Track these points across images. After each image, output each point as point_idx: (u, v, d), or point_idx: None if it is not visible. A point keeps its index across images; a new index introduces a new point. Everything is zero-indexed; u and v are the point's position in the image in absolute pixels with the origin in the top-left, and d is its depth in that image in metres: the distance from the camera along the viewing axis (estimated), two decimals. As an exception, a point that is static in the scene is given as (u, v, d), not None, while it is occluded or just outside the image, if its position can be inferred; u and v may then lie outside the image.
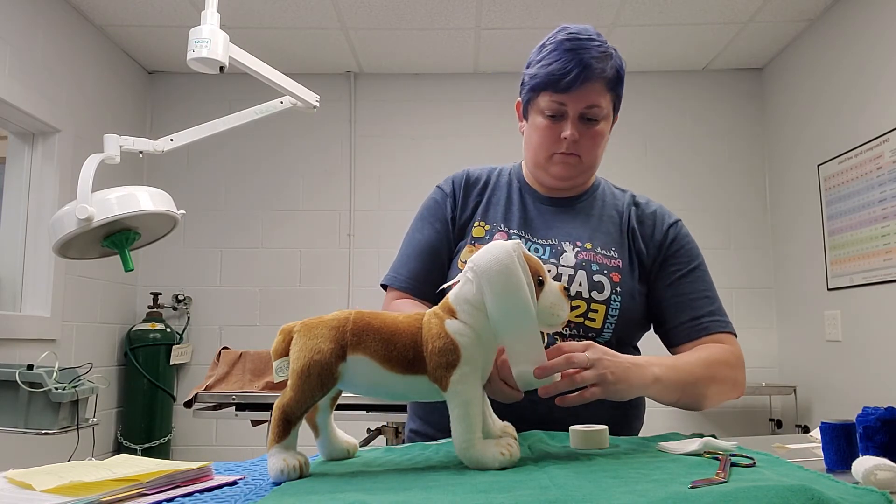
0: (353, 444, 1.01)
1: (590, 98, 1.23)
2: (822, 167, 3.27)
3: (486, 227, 1.31)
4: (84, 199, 1.38)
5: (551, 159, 1.28)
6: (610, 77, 1.24)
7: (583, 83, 1.21)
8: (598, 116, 1.25)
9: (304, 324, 0.90)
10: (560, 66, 1.21)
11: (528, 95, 1.29)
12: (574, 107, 1.23)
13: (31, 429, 1.90)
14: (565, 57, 1.21)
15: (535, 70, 1.26)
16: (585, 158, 1.28)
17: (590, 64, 1.20)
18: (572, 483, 0.76)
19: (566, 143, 1.25)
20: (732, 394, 1.28)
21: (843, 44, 3.12)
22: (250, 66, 1.46)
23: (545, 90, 1.24)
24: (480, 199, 1.35)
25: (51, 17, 3.03)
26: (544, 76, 1.23)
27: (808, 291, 3.41)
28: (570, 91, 1.21)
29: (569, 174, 1.29)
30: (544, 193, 1.35)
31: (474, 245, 1.28)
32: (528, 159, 1.34)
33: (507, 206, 1.34)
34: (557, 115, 1.24)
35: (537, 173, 1.34)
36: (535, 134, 1.29)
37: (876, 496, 0.67)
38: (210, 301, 3.80)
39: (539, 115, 1.27)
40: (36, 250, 2.97)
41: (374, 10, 3.24)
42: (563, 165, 1.28)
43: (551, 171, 1.29)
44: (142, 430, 3.52)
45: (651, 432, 1.22)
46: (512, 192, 1.36)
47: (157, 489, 0.77)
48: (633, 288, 1.27)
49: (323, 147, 3.91)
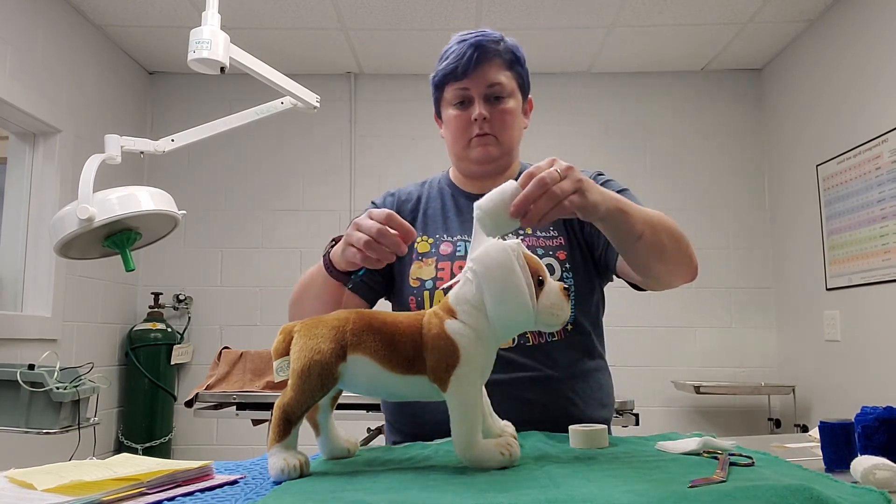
0: (353, 443, 1.01)
1: (489, 77, 1.28)
2: (821, 167, 3.27)
3: (430, 240, 1.32)
4: (85, 200, 1.38)
5: (469, 145, 1.32)
6: (506, 56, 1.31)
7: (479, 64, 1.26)
8: (502, 93, 1.30)
9: (304, 324, 0.90)
10: (456, 55, 1.27)
11: (436, 95, 1.34)
12: (477, 88, 1.28)
13: (33, 428, 1.90)
14: (459, 48, 1.28)
15: (435, 70, 1.33)
16: (501, 137, 1.31)
17: (481, 44, 1.27)
18: (572, 483, 0.76)
19: (478, 123, 1.28)
20: (689, 263, 1.20)
21: (843, 44, 3.12)
22: (251, 66, 1.46)
23: (447, 82, 1.30)
24: (415, 214, 1.37)
25: (51, 17, 3.03)
26: (444, 69, 1.29)
27: (807, 291, 3.41)
28: (469, 74, 1.27)
29: (488, 155, 1.31)
30: (475, 191, 1.37)
31: (422, 261, 1.28)
32: (451, 155, 1.38)
33: (444, 215, 1.36)
34: (465, 100, 1.29)
35: (461, 165, 1.37)
36: (449, 126, 1.33)
37: (875, 495, 0.68)
38: (210, 301, 3.80)
39: (448, 107, 1.32)
40: (37, 250, 2.98)
41: (374, 10, 3.24)
42: (480, 148, 1.31)
43: (472, 156, 1.32)
44: (143, 429, 3.52)
45: (650, 432, 1.23)
46: (445, 200, 1.38)
47: (157, 488, 0.77)
48: (579, 258, 1.29)
49: (323, 147, 3.91)
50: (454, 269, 1.25)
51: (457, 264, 1.26)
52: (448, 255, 1.27)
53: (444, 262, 1.27)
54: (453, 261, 1.27)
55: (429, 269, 1.27)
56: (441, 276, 1.25)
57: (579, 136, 3.90)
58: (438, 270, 1.26)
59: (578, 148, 3.88)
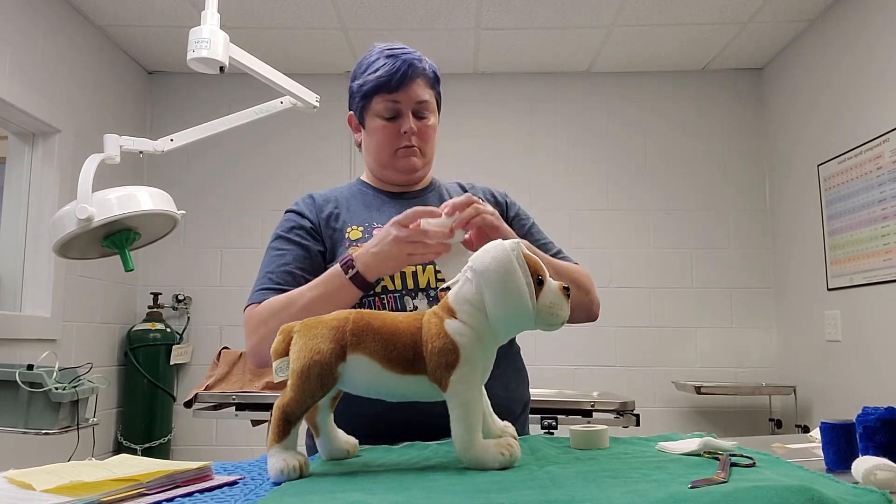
0: (353, 443, 1.01)
1: (418, 93, 1.35)
2: (822, 167, 3.27)
3: (360, 228, 1.35)
4: (84, 199, 1.38)
5: (395, 155, 1.38)
6: (429, 75, 1.39)
7: (410, 80, 1.34)
8: (427, 110, 1.38)
9: (304, 324, 0.90)
10: (387, 69, 1.33)
11: (361, 103, 1.38)
12: (407, 103, 1.35)
13: (32, 429, 1.90)
14: (390, 61, 1.33)
15: (362, 80, 1.37)
16: (425, 150, 1.40)
17: (413, 63, 1.34)
18: (572, 483, 0.76)
19: (407, 136, 1.36)
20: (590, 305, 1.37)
21: (843, 44, 3.12)
22: (250, 66, 1.46)
23: (377, 93, 1.35)
24: (337, 210, 1.40)
25: (51, 17, 3.03)
26: (374, 80, 1.34)
27: (807, 291, 3.41)
28: (400, 89, 1.33)
29: (413, 166, 1.39)
30: (394, 190, 1.44)
31: (357, 246, 1.29)
32: (372, 162, 1.43)
33: (367, 209, 1.40)
34: (394, 114, 1.35)
35: (383, 173, 1.42)
36: (375, 136, 1.38)
37: (876, 496, 0.67)
38: (210, 301, 3.80)
39: (376, 118, 1.37)
40: (36, 250, 2.97)
41: (374, 10, 3.24)
42: (407, 159, 1.38)
43: (398, 165, 1.39)
44: (142, 430, 3.52)
45: (651, 432, 1.22)
46: (366, 198, 1.43)
47: (157, 489, 0.77)
48: None
49: (323, 147, 3.91)
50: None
51: None
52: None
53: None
54: None
55: None
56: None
57: (579, 136, 3.90)
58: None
59: (578, 148, 3.88)
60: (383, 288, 1.27)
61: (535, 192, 3.76)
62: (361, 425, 1.15)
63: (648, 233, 3.80)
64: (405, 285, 1.27)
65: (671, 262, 3.77)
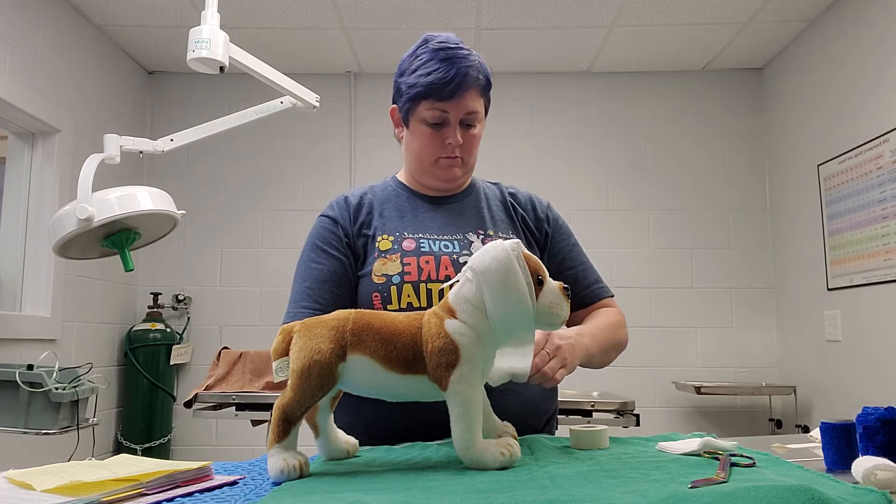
0: (353, 444, 1.01)
1: (468, 105, 1.31)
2: (822, 167, 3.27)
3: (390, 238, 1.32)
4: (84, 199, 1.38)
5: (437, 163, 1.35)
6: (482, 82, 1.34)
7: (463, 91, 1.29)
8: (475, 121, 1.35)
9: (304, 324, 0.90)
10: (440, 75, 1.27)
11: (408, 105, 1.33)
12: (455, 114, 1.31)
13: (32, 429, 1.90)
14: (444, 67, 1.28)
15: (413, 79, 1.31)
16: (467, 160, 1.37)
17: (467, 73, 1.29)
18: (572, 483, 0.76)
19: (451, 148, 1.33)
20: (622, 349, 1.45)
21: (844, 44, 3.12)
22: (250, 66, 1.46)
23: (426, 99, 1.30)
24: (371, 216, 1.37)
25: (51, 17, 3.03)
26: (425, 86, 1.28)
27: (808, 291, 3.41)
28: (451, 99, 1.29)
29: (454, 176, 1.37)
30: (430, 194, 1.41)
31: (386, 257, 1.28)
32: (412, 164, 1.40)
33: (400, 215, 1.37)
34: (441, 122, 1.31)
35: (422, 177, 1.39)
36: (418, 141, 1.35)
37: (876, 496, 0.67)
38: (210, 301, 3.80)
39: (421, 123, 1.33)
40: (36, 250, 2.97)
41: (374, 10, 3.24)
42: (448, 168, 1.36)
43: (437, 174, 1.36)
44: (142, 430, 3.52)
45: (651, 432, 1.22)
46: (399, 201, 1.40)
47: (157, 489, 0.77)
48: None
49: (323, 147, 3.91)
50: (420, 263, 1.26)
51: (422, 259, 1.27)
52: (412, 250, 1.28)
53: (410, 258, 1.27)
54: (419, 256, 1.27)
55: (394, 265, 1.27)
56: (408, 271, 1.26)
57: (579, 136, 3.89)
58: (405, 265, 1.26)
59: (579, 148, 3.88)
60: (409, 305, 1.24)
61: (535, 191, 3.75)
62: (375, 426, 1.15)
63: (648, 233, 3.80)
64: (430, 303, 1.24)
65: (671, 262, 3.77)
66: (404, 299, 1.24)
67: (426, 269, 1.25)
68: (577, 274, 1.41)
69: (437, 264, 1.26)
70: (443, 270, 1.25)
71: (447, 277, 1.24)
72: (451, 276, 1.24)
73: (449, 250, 1.29)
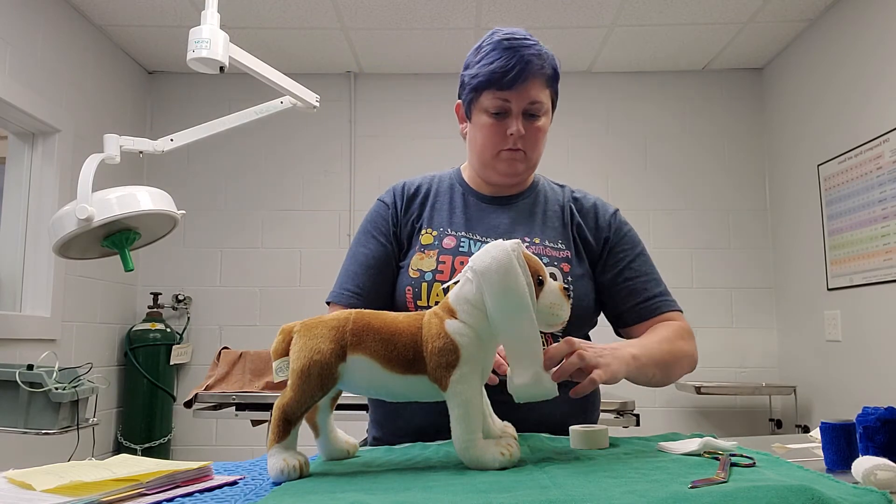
0: (353, 444, 1.01)
1: (532, 94, 1.26)
2: (822, 167, 3.27)
3: (434, 232, 1.31)
4: (84, 199, 1.38)
5: (498, 156, 1.31)
6: (548, 73, 1.29)
7: (525, 79, 1.24)
8: (539, 112, 1.29)
9: (304, 324, 0.90)
10: (501, 63, 1.23)
11: (471, 95, 1.31)
12: (518, 103, 1.26)
13: (32, 429, 1.90)
14: (506, 55, 1.24)
15: (475, 70, 1.28)
16: (530, 153, 1.31)
17: (530, 60, 1.24)
18: (572, 483, 0.76)
19: (512, 139, 1.28)
20: (690, 367, 1.33)
21: (844, 44, 3.12)
22: (250, 66, 1.46)
23: (488, 88, 1.26)
24: (423, 207, 1.36)
25: (51, 17, 3.03)
26: (487, 74, 1.25)
27: (808, 291, 3.41)
28: (513, 87, 1.24)
29: (516, 170, 1.32)
30: (487, 193, 1.38)
31: (424, 252, 1.28)
32: (474, 158, 1.36)
33: (451, 210, 1.35)
34: (502, 112, 1.27)
35: (484, 172, 1.36)
36: (480, 133, 1.31)
37: (876, 496, 0.67)
38: (210, 301, 3.80)
39: (483, 113, 1.29)
40: (36, 250, 2.97)
41: (374, 10, 3.24)
42: (509, 162, 1.31)
43: (499, 167, 1.32)
44: (142, 430, 3.52)
45: (651, 432, 1.22)
46: (454, 196, 1.38)
47: (157, 489, 0.77)
48: (584, 276, 1.31)
49: (323, 147, 3.91)
50: (455, 263, 1.25)
51: (458, 259, 1.25)
52: (451, 249, 1.27)
53: (446, 256, 1.26)
54: (455, 255, 1.26)
55: (430, 262, 1.26)
56: (441, 269, 1.25)
57: (579, 136, 3.89)
58: (439, 263, 1.25)
59: (579, 148, 3.88)
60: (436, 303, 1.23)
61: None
62: None
63: (648, 233, 3.80)
64: None
65: (671, 262, 3.77)
66: (433, 297, 1.23)
67: (459, 269, 1.23)
68: (636, 285, 1.33)
69: None
70: None
71: None
72: None
73: None
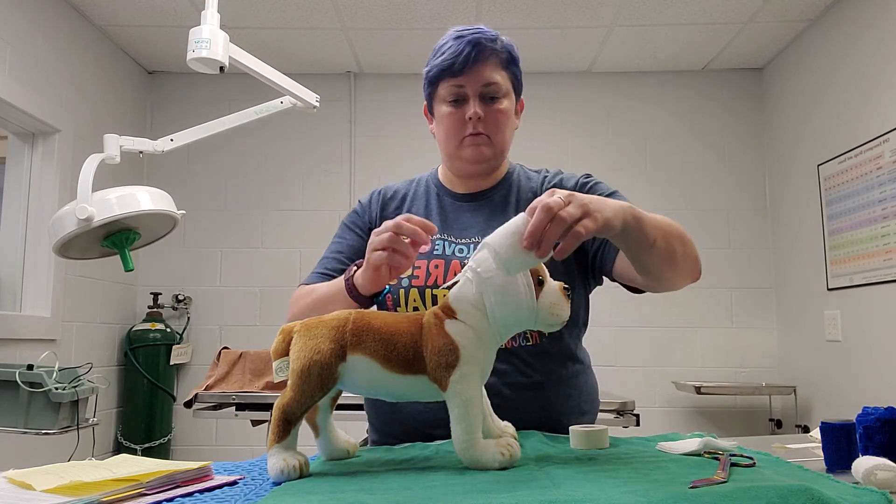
0: (353, 444, 1.01)
1: (485, 76, 1.26)
2: (822, 167, 3.27)
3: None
4: (84, 199, 1.38)
5: (462, 144, 1.30)
6: (502, 55, 1.29)
7: (476, 62, 1.25)
8: (497, 93, 1.28)
9: (304, 324, 0.90)
10: (452, 51, 1.25)
11: (430, 90, 1.33)
12: (472, 87, 1.26)
13: (31, 429, 1.90)
14: (456, 43, 1.26)
15: (430, 65, 1.30)
16: (494, 137, 1.29)
17: (479, 42, 1.25)
18: (572, 483, 0.76)
19: (472, 122, 1.27)
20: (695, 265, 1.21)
21: (844, 44, 3.12)
22: (250, 66, 1.46)
23: (443, 78, 1.28)
24: (399, 211, 1.37)
25: (51, 17, 3.03)
26: (440, 64, 1.27)
27: (808, 291, 3.41)
28: (466, 72, 1.25)
29: (481, 155, 1.30)
30: (462, 191, 1.37)
31: None
32: (442, 153, 1.37)
33: (427, 213, 1.35)
34: (459, 98, 1.28)
35: (452, 164, 1.35)
36: (441, 124, 1.32)
37: (876, 496, 0.67)
38: (210, 301, 3.80)
39: (443, 104, 1.30)
40: (36, 250, 2.97)
41: (374, 10, 3.24)
42: (473, 148, 1.29)
43: (464, 155, 1.31)
44: (142, 430, 3.52)
45: (651, 432, 1.22)
46: (430, 199, 1.38)
47: (157, 489, 0.77)
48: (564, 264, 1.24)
49: (323, 147, 3.91)
50: (430, 268, 1.25)
51: (433, 263, 1.25)
52: (426, 254, 1.26)
53: (421, 261, 1.26)
54: (430, 259, 1.26)
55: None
56: (417, 275, 1.25)
57: (579, 136, 3.90)
58: (415, 269, 1.25)
59: (579, 148, 3.88)
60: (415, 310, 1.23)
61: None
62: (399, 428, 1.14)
63: (648, 233, 3.80)
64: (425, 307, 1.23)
65: (671, 262, 3.77)
66: (411, 304, 1.24)
67: (434, 273, 1.24)
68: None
69: (447, 269, 1.24)
70: (451, 276, 1.22)
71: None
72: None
73: (462, 254, 1.26)
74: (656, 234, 1.05)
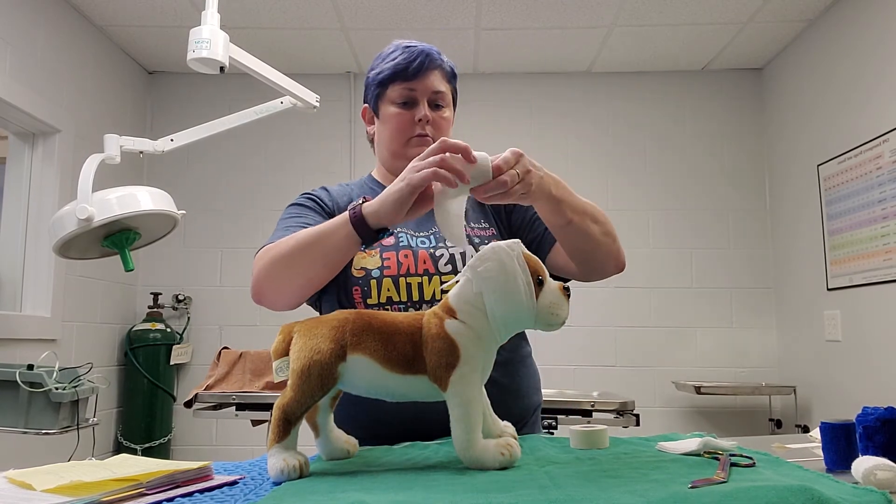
0: (352, 443, 1.01)
1: (435, 84, 1.35)
2: (821, 167, 3.27)
3: None
4: (84, 199, 1.38)
5: (408, 143, 1.35)
6: (447, 69, 1.38)
7: (428, 69, 1.33)
8: (443, 102, 1.37)
9: (304, 324, 0.90)
10: (405, 57, 1.33)
11: (377, 91, 1.37)
12: (423, 92, 1.34)
13: (32, 429, 1.90)
14: (408, 51, 1.34)
15: (380, 68, 1.36)
16: None
17: (430, 53, 1.34)
18: (572, 483, 0.76)
19: (421, 124, 1.33)
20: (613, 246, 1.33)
21: (843, 44, 3.12)
22: (250, 66, 1.46)
23: (394, 81, 1.34)
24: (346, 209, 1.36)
25: (51, 17, 3.03)
26: (392, 68, 1.33)
27: (807, 291, 3.41)
28: (418, 77, 1.33)
29: None
30: None
31: (364, 251, 1.26)
32: (384, 153, 1.40)
33: None
34: (409, 101, 1.34)
35: (395, 163, 1.37)
36: (388, 124, 1.36)
37: (876, 496, 0.67)
38: (210, 301, 3.80)
39: (391, 105, 1.36)
40: (36, 250, 2.97)
41: (374, 10, 3.24)
42: (419, 148, 1.29)
43: (410, 154, 1.30)
44: (142, 429, 3.52)
45: (651, 432, 1.22)
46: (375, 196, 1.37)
47: (157, 489, 0.77)
48: None
49: (323, 147, 3.91)
50: (399, 257, 1.27)
51: (402, 253, 1.27)
52: (391, 245, 1.29)
53: (389, 253, 1.28)
54: (398, 251, 1.28)
55: (374, 260, 1.28)
56: (388, 265, 1.26)
57: (579, 136, 3.90)
58: (384, 260, 1.27)
59: (578, 148, 3.88)
60: (388, 299, 1.24)
61: (535, 192, 3.75)
62: (365, 426, 1.15)
63: (648, 233, 3.80)
64: (410, 297, 1.24)
65: (671, 262, 3.77)
66: (384, 293, 1.25)
67: (405, 262, 1.27)
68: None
69: (416, 258, 1.27)
70: (421, 265, 1.26)
71: (426, 271, 1.25)
72: (429, 270, 1.25)
73: (426, 246, 1.30)
74: (570, 211, 1.23)
